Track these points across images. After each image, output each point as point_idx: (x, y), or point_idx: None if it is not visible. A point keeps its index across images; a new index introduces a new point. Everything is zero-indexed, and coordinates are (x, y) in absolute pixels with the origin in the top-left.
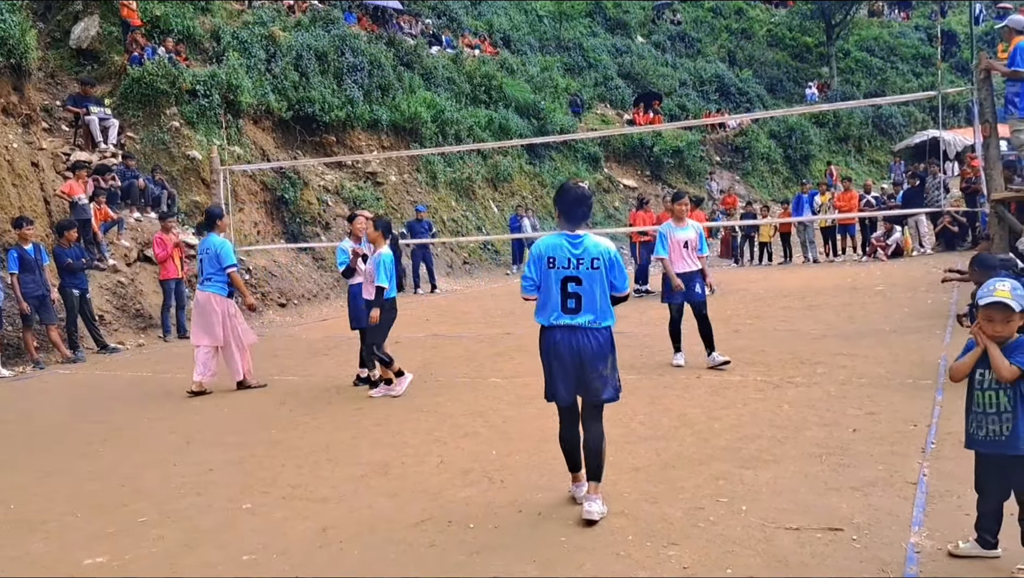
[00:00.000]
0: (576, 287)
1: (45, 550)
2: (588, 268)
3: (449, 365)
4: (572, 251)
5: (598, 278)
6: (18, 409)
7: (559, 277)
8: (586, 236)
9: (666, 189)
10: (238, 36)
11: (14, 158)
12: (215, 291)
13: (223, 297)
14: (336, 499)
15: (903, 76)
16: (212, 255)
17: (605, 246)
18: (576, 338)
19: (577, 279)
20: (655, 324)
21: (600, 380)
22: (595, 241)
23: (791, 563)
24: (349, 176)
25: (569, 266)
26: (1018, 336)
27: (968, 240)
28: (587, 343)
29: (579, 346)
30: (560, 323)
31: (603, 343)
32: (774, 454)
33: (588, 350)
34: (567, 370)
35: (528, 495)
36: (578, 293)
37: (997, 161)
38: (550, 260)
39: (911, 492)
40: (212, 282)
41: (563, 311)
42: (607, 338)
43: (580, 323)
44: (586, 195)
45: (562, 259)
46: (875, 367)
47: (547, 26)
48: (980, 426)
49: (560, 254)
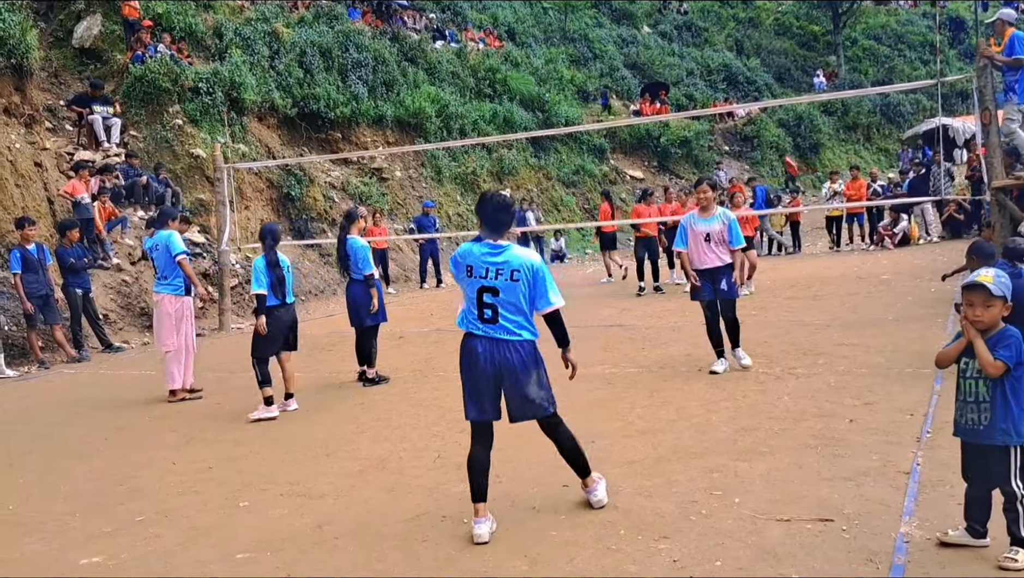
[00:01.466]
0: (492, 298)
1: (42, 550)
2: (507, 280)
3: (451, 360)
4: (491, 260)
5: (518, 291)
6: (20, 409)
7: (475, 286)
8: (509, 247)
9: (672, 180)
10: (241, 33)
11: (17, 158)
12: (169, 292)
13: (177, 297)
14: (333, 495)
15: (911, 64)
16: (162, 249)
17: (530, 259)
18: (498, 350)
19: (494, 289)
20: (657, 317)
21: (532, 400)
22: (519, 253)
23: (780, 554)
24: (354, 172)
25: (487, 276)
26: (1003, 326)
27: (975, 227)
28: (508, 357)
29: (500, 360)
30: (479, 333)
31: (525, 358)
32: (770, 446)
33: (509, 364)
34: (486, 383)
35: (521, 489)
36: (494, 304)
37: (998, 148)
38: (468, 269)
39: (903, 482)
40: (167, 282)
41: (481, 321)
42: (529, 353)
43: (500, 336)
44: (508, 204)
45: (479, 268)
46: (875, 357)
47: (552, 18)
48: (962, 414)
49: (478, 263)
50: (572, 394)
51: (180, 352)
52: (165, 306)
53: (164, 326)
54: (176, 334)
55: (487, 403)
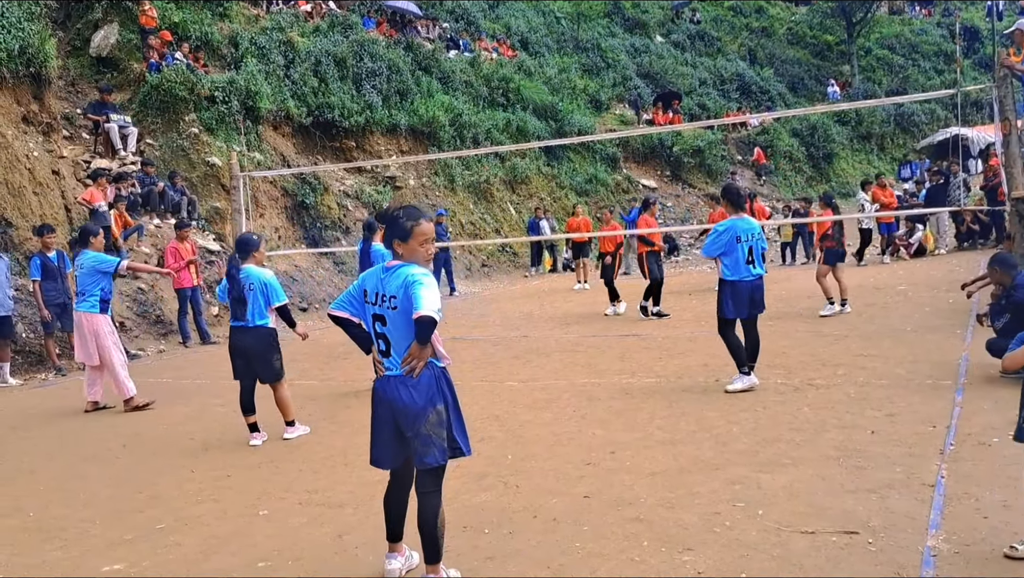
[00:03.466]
0: (382, 328)
1: (63, 557)
2: (389, 307)
3: (466, 369)
4: (381, 285)
5: (400, 319)
6: (39, 415)
7: (369, 313)
8: (398, 268)
9: (685, 189)
10: (256, 42)
11: (35, 166)
12: (86, 309)
13: (95, 315)
14: (353, 504)
15: (925, 73)
16: (87, 269)
17: (405, 276)
18: (392, 389)
19: (382, 318)
20: (673, 327)
21: (419, 439)
22: (401, 272)
23: (806, 567)
24: (368, 180)
25: (377, 302)
26: None
27: (992, 237)
28: (399, 396)
29: (393, 399)
30: (385, 367)
31: (418, 394)
32: (792, 457)
33: (399, 402)
34: (386, 427)
35: (543, 500)
36: (385, 334)
37: (1018, 158)
38: (365, 293)
39: (928, 494)
40: (85, 299)
41: (381, 354)
42: (425, 387)
43: (394, 372)
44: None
45: (372, 293)
46: (895, 368)
47: (565, 27)
48: None
49: (371, 288)
50: (591, 404)
51: (113, 368)
52: (84, 325)
53: (86, 343)
54: (95, 349)
55: (390, 449)
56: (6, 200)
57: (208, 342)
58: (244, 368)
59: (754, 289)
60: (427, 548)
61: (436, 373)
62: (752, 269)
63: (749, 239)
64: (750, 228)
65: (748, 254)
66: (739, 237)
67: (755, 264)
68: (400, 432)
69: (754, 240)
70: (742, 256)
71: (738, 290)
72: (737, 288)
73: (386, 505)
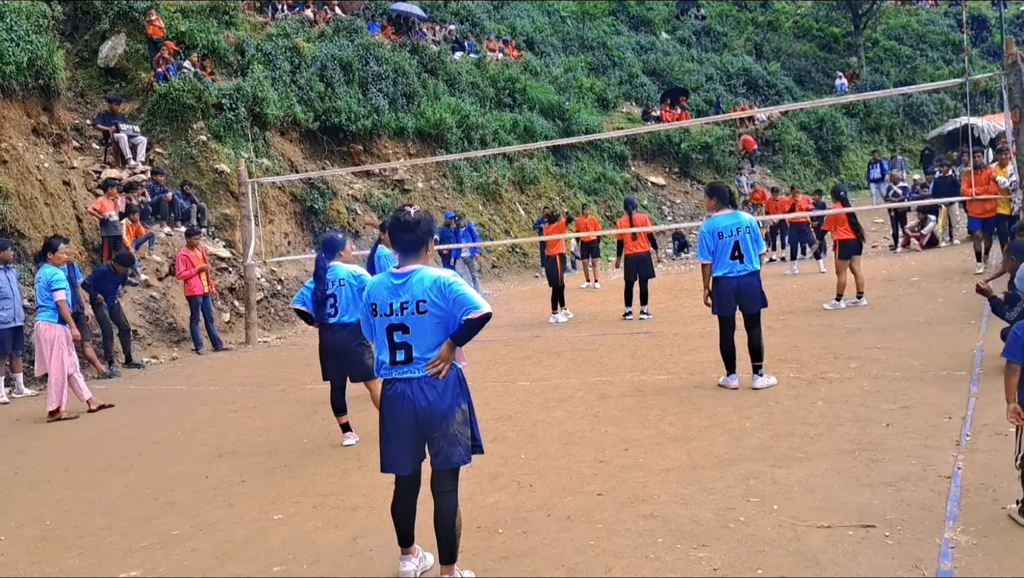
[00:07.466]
0: (403, 336)
1: (81, 565)
2: (413, 312)
3: (478, 369)
4: (394, 294)
5: (428, 323)
6: (55, 424)
7: (383, 326)
8: (413, 273)
9: (694, 185)
10: (262, 49)
11: (46, 177)
12: (44, 319)
13: (52, 324)
14: (367, 507)
15: (933, 64)
16: (43, 284)
17: (433, 278)
18: (412, 392)
19: (403, 327)
20: (684, 323)
21: (446, 440)
22: (422, 276)
23: (823, 562)
24: (377, 184)
25: (391, 312)
26: None
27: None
28: (424, 397)
29: (415, 402)
30: (394, 376)
31: (443, 394)
32: (806, 452)
33: (425, 405)
34: (404, 432)
35: (556, 499)
36: (406, 342)
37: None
38: (373, 307)
39: (945, 486)
40: (43, 310)
41: (392, 364)
42: (450, 387)
43: (415, 375)
44: (410, 221)
45: (383, 305)
46: (909, 360)
47: (570, 26)
48: None
49: (382, 299)
50: (603, 403)
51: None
52: (41, 333)
53: (42, 351)
54: (52, 358)
55: (409, 454)
56: (18, 211)
57: (220, 349)
58: (335, 369)
59: (742, 285)
60: (443, 549)
61: (457, 373)
62: (739, 264)
63: (734, 233)
64: (735, 223)
65: (734, 249)
66: (721, 233)
67: (743, 259)
68: (420, 436)
69: (740, 234)
70: (726, 251)
71: (722, 286)
72: (720, 284)
73: (394, 514)
